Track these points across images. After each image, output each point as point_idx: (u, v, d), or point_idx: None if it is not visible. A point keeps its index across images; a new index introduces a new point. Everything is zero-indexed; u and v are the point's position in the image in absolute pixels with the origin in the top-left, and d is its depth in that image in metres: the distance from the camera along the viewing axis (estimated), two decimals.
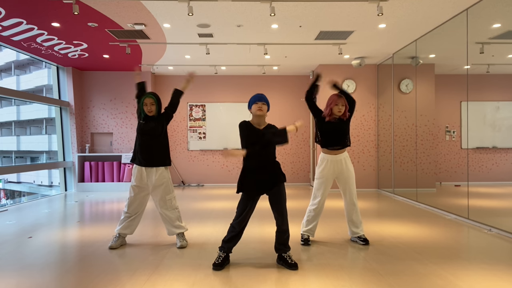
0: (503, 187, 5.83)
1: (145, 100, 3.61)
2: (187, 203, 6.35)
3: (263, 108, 3.08)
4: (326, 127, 3.74)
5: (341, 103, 3.68)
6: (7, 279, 2.90)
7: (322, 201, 3.79)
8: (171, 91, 9.07)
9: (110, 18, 5.19)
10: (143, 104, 3.61)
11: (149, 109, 3.62)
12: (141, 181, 3.66)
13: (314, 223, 3.84)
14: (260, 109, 3.07)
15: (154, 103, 3.63)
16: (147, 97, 3.62)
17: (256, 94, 3.15)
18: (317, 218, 3.84)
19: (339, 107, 3.67)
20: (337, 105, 3.67)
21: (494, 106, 5.97)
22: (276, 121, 9.19)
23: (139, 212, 3.79)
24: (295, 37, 6.11)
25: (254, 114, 3.10)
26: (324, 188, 3.78)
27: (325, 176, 3.76)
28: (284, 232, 3.12)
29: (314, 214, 3.82)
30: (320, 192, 3.79)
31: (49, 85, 22.67)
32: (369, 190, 8.01)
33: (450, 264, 3.19)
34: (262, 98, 3.10)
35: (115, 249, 3.66)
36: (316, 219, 3.83)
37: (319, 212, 3.82)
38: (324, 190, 3.79)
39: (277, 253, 3.18)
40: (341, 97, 3.70)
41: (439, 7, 4.87)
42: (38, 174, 22.77)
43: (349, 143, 3.81)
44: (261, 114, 3.07)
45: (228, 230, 3.16)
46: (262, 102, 3.09)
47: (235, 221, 3.11)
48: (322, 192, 3.79)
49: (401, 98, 7.23)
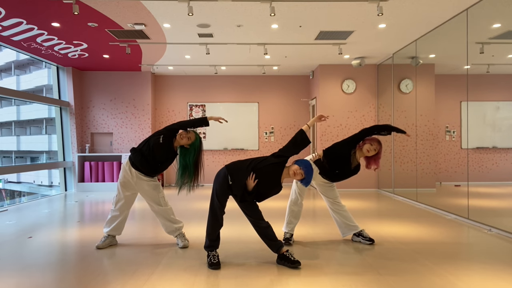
0: (503, 187, 5.83)
1: (191, 136, 3.49)
2: (187, 203, 6.35)
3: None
4: (339, 163, 3.63)
5: (376, 148, 3.53)
6: (7, 279, 2.90)
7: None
8: (171, 91, 9.13)
9: (110, 18, 5.19)
10: (186, 136, 3.47)
11: (186, 144, 3.51)
12: (132, 178, 3.64)
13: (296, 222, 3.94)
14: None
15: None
16: (196, 136, 3.52)
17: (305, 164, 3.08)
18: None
19: (372, 146, 3.51)
20: (372, 145, 3.52)
21: (494, 106, 5.97)
22: (276, 121, 9.20)
23: (127, 210, 3.77)
24: (295, 37, 6.11)
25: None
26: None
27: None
28: (267, 228, 3.18)
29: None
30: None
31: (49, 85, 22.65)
32: (369, 190, 8.01)
33: (450, 264, 3.19)
34: (303, 164, 3.08)
35: (116, 249, 3.66)
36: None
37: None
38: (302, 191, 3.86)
39: (276, 252, 3.18)
40: (380, 145, 3.56)
41: (439, 7, 4.87)
42: (38, 174, 22.75)
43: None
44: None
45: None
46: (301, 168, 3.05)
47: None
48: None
49: (401, 98, 7.23)
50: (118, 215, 3.72)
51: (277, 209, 5.50)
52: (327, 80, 8.07)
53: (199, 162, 3.56)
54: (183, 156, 3.54)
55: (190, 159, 3.50)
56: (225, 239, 3.85)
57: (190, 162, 3.50)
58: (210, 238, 3.20)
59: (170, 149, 3.56)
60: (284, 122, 9.24)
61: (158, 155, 3.54)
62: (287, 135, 9.21)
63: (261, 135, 9.21)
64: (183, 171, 3.54)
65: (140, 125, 8.75)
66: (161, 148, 3.52)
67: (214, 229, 3.19)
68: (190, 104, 9.18)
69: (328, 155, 3.65)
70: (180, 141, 3.50)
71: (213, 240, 3.21)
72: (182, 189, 3.55)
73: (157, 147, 3.52)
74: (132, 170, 3.64)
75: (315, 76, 8.51)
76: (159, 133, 3.58)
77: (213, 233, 3.20)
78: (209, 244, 3.21)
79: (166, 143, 3.52)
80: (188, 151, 3.51)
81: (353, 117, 8.07)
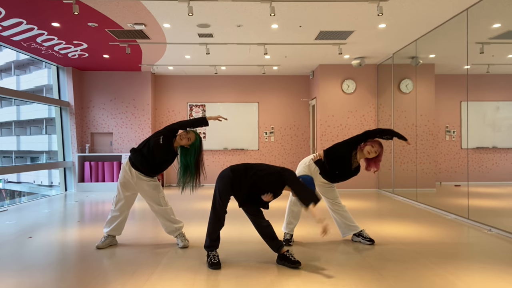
0: (503, 187, 5.83)
1: (191, 136, 3.48)
2: (187, 203, 6.35)
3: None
4: (339, 164, 3.62)
5: (377, 150, 3.51)
6: (7, 279, 2.90)
7: None
8: (171, 91, 9.13)
9: (110, 18, 5.19)
10: (186, 136, 3.46)
11: (187, 144, 3.49)
12: (132, 178, 3.65)
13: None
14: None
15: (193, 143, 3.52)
16: (196, 136, 3.51)
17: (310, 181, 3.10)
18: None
19: (373, 149, 3.49)
20: (373, 147, 3.50)
21: (494, 106, 5.97)
22: (276, 121, 9.20)
23: (127, 210, 3.78)
24: (295, 37, 6.11)
25: None
26: None
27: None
28: (267, 227, 3.19)
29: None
30: None
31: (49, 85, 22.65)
32: (369, 190, 8.01)
33: (450, 264, 3.19)
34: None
35: (116, 249, 3.66)
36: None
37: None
38: None
39: (277, 252, 3.18)
40: (381, 147, 3.54)
41: (439, 7, 4.87)
42: (38, 174, 22.74)
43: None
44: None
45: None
46: None
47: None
48: None
49: (401, 98, 7.23)
50: (118, 215, 3.72)
51: (277, 209, 5.49)
52: (327, 80, 8.07)
53: (200, 161, 3.55)
54: (184, 155, 3.53)
55: (191, 159, 3.50)
56: (226, 239, 3.85)
57: (191, 161, 3.50)
58: (210, 237, 3.21)
59: (170, 150, 3.56)
60: (284, 122, 9.24)
61: (158, 156, 3.54)
62: (287, 135, 9.21)
63: (261, 135, 9.21)
64: (184, 171, 3.54)
65: (140, 125, 8.75)
66: (161, 149, 3.52)
67: (215, 228, 3.19)
68: (190, 104, 9.18)
69: (328, 156, 3.64)
70: (180, 142, 3.50)
71: (213, 240, 3.21)
72: (185, 188, 3.56)
73: (157, 148, 3.51)
74: (132, 170, 3.64)
75: (315, 76, 8.51)
76: (159, 134, 3.56)
77: (214, 233, 3.20)
78: (210, 243, 3.21)
79: (166, 144, 3.52)
80: (189, 151, 3.51)
81: (353, 117, 8.07)
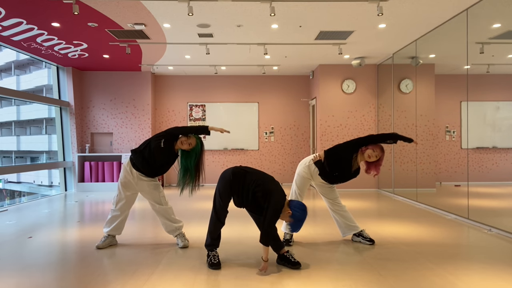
0: (503, 187, 5.83)
1: (192, 141, 3.49)
2: (188, 203, 6.35)
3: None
4: (339, 166, 3.60)
5: (378, 154, 3.49)
6: (7, 279, 2.90)
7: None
8: (171, 91, 9.13)
9: (110, 18, 5.19)
10: (187, 142, 3.47)
11: (187, 149, 3.50)
12: (132, 178, 3.66)
13: None
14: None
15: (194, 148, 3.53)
16: (197, 141, 3.51)
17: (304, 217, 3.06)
18: None
19: (374, 153, 3.47)
20: (374, 151, 3.48)
21: (494, 106, 5.97)
22: (276, 121, 9.20)
23: (127, 210, 3.78)
24: (295, 37, 6.11)
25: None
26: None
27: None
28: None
29: None
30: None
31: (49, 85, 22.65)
32: (369, 190, 8.01)
33: (450, 264, 3.19)
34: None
35: (116, 249, 3.66)
36: None
37: None
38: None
39: (277, 252, 3.19)
40: (383, 152, 3.52)
41: (439, 7, 4.87)
42: (38, 174, 22.74)
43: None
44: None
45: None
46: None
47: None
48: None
49: (401, 98, 7.23)
50: (118, 215, 3.73)
51: None
52: (327, 80, 8.07)
53: (200, 165, 3.56)
54: (184, 158, 3.54)
55: (191, 162, 3.50)
56: (226, 239, 3.85)
57: (192, 165, 3.51)
58: (211, 236, 3.22)
59: (171, 153, 3.57)
60: (284, 122, 9.24)
61: (158, 159, 3.55)
62: (287, 135, 9.21)
63: (261, 135, 9.21)
64: (184, 173, 3.55)
65: (140, 125, 8.75)
66: (161, 153, 3.53)
67: (216, 227, 3.20)
68: (190, 104, 9.18)
69: (329, 157, 3.64)
70: (181, 146, 3.51)
71: (214, 239, 3.22)
72: (184, 189, 3.56)
73: (158, 151, 3.52)
74: (133, 171, 3.66)
75: (315, 76, 8.51)
76: (160, 137, 3.56)
77: (214, 232, 3.21)
78: (210, 242, 3.21)
79: (167, 147, 3.53)
80: (189, 154, 3.52)
81: (353, 117, 8.07)
